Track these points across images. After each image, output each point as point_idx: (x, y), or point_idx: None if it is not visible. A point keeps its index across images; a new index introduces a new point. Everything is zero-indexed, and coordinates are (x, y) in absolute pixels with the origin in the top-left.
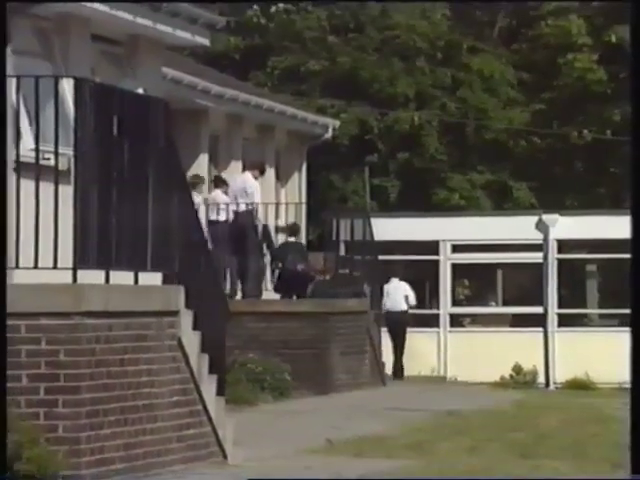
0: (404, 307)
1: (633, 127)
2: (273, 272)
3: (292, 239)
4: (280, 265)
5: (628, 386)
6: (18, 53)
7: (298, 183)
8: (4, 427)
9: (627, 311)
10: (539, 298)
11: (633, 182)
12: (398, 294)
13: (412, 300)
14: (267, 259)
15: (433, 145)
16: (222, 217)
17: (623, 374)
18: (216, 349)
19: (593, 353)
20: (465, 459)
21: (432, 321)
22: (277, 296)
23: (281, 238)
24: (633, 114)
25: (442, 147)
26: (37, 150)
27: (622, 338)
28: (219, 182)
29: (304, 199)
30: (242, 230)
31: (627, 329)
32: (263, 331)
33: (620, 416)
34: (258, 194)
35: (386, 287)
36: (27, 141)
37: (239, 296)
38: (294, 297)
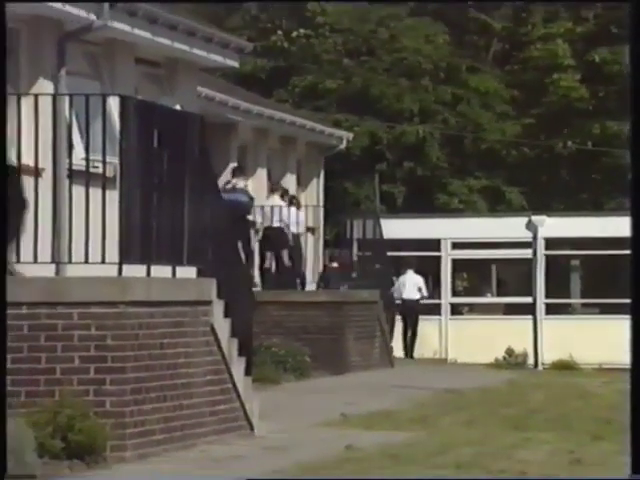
0: (417, 296)
1: (633, 128)
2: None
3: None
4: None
5: (607, 367)
6: (71, 74)
7: (316, 188)
8: (4, 427)
9: (606, 300)
10: (529, 289)
11: (633, 182)
12: (412, 285)
13: (424, 291)
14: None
15: (435, 155)
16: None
17: (602, 356)
18: (244, 334)
19: (576, 338)
20: (464, 431)
21: (435, 310)
22: None
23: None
24: (633, 116)
25: (443, 156)
26: (87, 159)
27: (602, 324)
28: (285, 194)
29: (322, 203)
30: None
31: (606, 316)
32: (285, 318)
33: (599, 392)
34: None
35: (402, 278)
36: (78, 151)
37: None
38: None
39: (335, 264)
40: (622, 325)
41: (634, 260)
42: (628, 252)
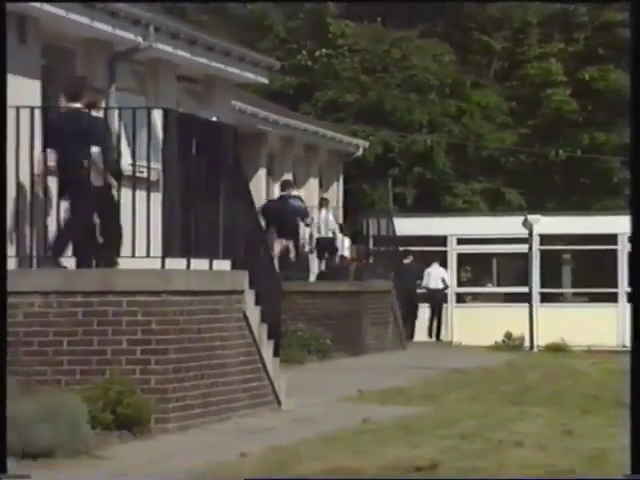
0: (441, 286)
1: (633, 128)
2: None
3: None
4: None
5: (595, 349)
6: (120, 90)
7: (336, 191)
8: (4, 426)
9: (594, 290)
10: (525, 280)
11: (633, 182)
12: (437, 276)
13: (447, 282)
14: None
15: (441, 161)
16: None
17: (591, 340)
18: (273, 320)
19: (567, 323)
20: (467, 406)
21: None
22: None
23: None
24: (632, 116)
25: (448, 162)
26: (134, 165)
27: (590, 311)
28: (324, 203)
29: (341, 203)
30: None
31: (594, 304)
32: (309, 306)
33: (588, 372)
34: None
35: (428, 270)
36: (126, 158)
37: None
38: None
39: (352, 256)
40: (608, 312)
41: (634, 260)
42: (613, 247)
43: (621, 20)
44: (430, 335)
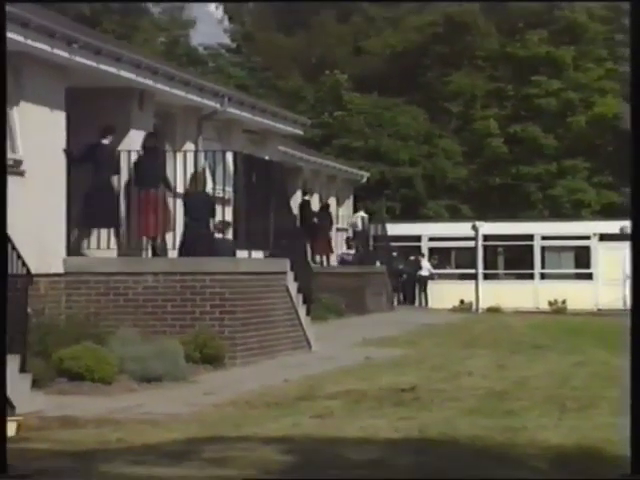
0: (427, 274)
1: (633, 128)
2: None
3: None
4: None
5: (519, 310)
6: (205, 139)
7: (349, 206)
8: (4, 426)
9: (517, 271)
10: (473, 265)
11: (633, 183)
12: (425, 267)
13: (431, 270)
14: None
15: (419, 186)
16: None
17: (516, 304)
18: (306, 291)
19: (501, 293)
20: (436, 349)
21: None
22: None
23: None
24: (632, 115)
25: (423, 187)
26: (214, 188)
27: (516, 285)
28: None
29: (352, 214)
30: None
31: (518, 280)
32: (331, 282)
33: (515, 325)
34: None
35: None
36: (209, 183)
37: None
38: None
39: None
40: (527, 285)
41: (634, 259)
42: (530, 243)
43: (537, 93)
44: (420, 303)
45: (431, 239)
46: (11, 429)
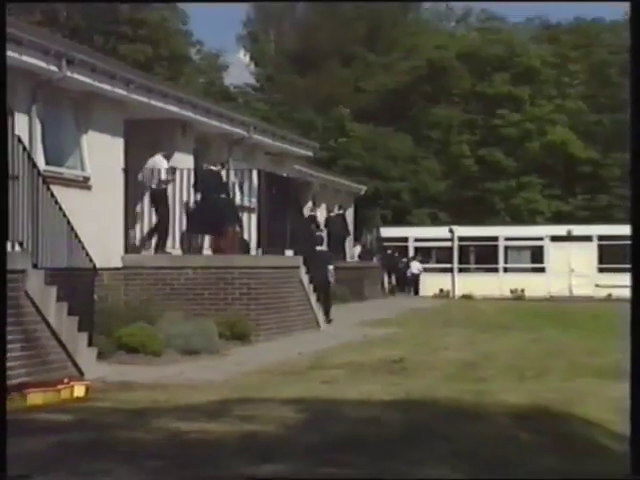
0: (417, 272)
1: (633, 129)
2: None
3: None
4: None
5: (488, 297)
6: (234, 160)
7: (350, 214)
8: (4, 426)
9: (485, 265)
10: (450, 260)
11: (633, 185)
12: (415, 267)
13: (420, 269)
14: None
15: (406, 198)
16: None
17: (485, 292)
18: (316, 282)
19: (472, 283)
20: (420, 328)
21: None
22: None
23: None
24: (632, 115)
25: (410, 199)
26: (242, 200)
27: (484, 277)
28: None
29: (352, 220)
30: None
31: (485, 273)
32: (337, 274)
33: (485, 309)
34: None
35: (411, 263)
36: (237, 196)
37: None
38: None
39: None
40: (493, 277)
41: (634, 259)
42: (496, 243)
43: (501, 123)
44: (409, 292)
45: (416, 240)
46: (80, 391)
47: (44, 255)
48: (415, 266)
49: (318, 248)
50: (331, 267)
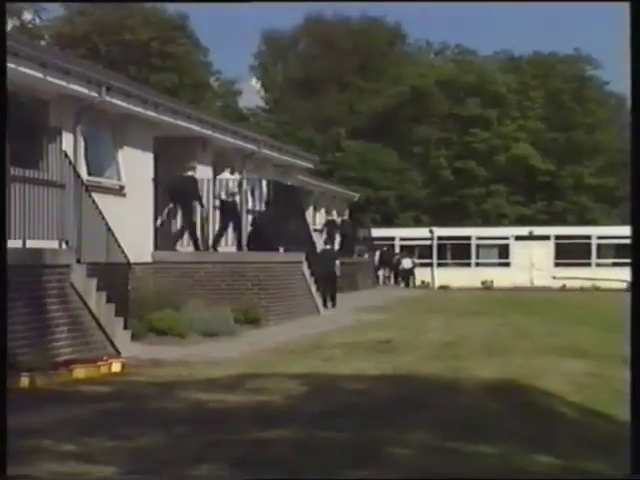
0: (410, 267)
1: (633, 130)
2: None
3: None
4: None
5: (462, 288)
6: (247, 171)
7: (346, 217)
8: (4, 427)
9: (459, 261)
10: (430, 256)
11: (633, 185)
12: (407, 262)
13: (411, 265)
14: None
15: (393, 203)
16: None
17: (459, 283)
18: (316, 274)
19: (449, 276)
20: (405, 314)
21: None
22: None
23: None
24: (632, 115)
25: (395, 204)
26: (253, 205)
27: (459, 271)
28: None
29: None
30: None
31: (461, 268)
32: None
33: (460, 298)
34: None
35: (403, 260)
36: (250, 202)
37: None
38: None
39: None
40: (467, 270)
41: (634, 259)
42: (468, 242)
43: (473, 140)
44: (405, 285)
45: (401, 239)
46: (117, 367)
47: (86, 252)
48: (406, 262)
49: (328, 247)
50: (338, 262)
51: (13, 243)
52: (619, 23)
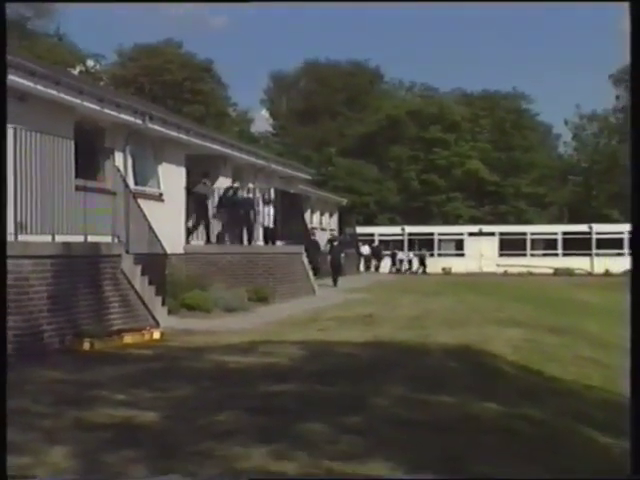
0: (367, 253)
1: (632, 130)
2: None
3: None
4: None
5: (429, 273)
6: (259, 182)
7: (336, 219)
8: (4, 427)
9: (427, 252)
10: (402, 248)
11: (633, 186)
12: (365, 249)
13: (368, 252)
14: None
15: (373, 207)
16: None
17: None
18: (313, 262)
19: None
20: (385, 294)
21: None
22: None
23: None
24: (632, 116)
25: (376, 208)
26: (263, 210)
27: (435, 259)
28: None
29: (337, 224)
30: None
31: (433, 257)
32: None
33: (439, 281)
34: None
35: (362, 247)
36: (261, 206)
37: None
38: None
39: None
40: (431, 259)
41: (634, 259)
42: (432, 237)
43: (436, 157)
44: (375, 269)
45: (380, 235)
46: (157, 335)
47: (133, 244)
48: (365, 248)
49: (335, 243)
50: (343, 254)
51: (76, 238)
52: (550, 64)
